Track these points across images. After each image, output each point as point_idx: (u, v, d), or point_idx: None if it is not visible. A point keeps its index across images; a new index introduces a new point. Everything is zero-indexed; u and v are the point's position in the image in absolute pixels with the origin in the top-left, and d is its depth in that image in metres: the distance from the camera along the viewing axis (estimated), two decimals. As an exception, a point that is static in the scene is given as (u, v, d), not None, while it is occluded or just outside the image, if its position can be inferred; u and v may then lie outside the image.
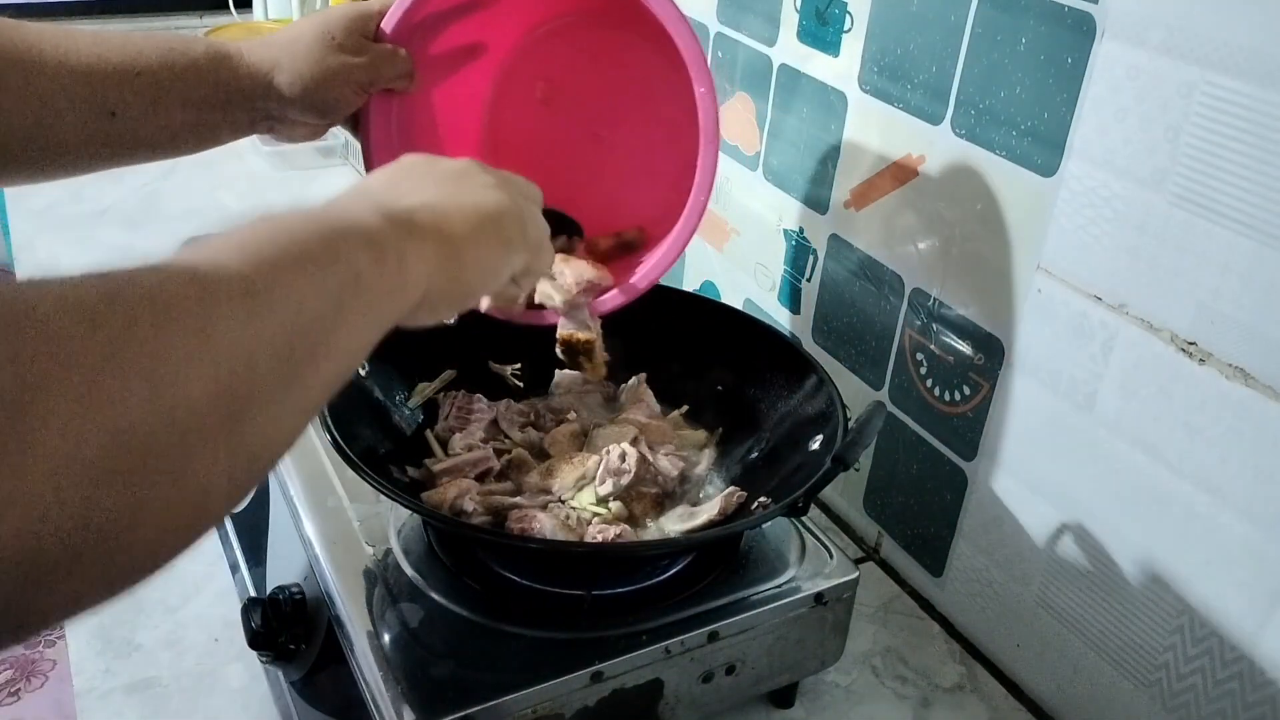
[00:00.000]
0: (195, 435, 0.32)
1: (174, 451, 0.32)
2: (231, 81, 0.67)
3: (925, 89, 0.76)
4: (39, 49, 0.61)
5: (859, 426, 0.67)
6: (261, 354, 0.36)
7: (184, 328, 0.33)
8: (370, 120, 0.74)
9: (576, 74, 0.81)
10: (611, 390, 0.82)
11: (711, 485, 0.76)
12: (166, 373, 0.32)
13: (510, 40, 0.79)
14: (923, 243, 0.79)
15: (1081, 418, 0.69)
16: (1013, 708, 0.77)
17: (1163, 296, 0.62)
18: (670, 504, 0.73)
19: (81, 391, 0.29)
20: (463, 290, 0.52)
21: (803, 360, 0.77)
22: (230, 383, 0.34)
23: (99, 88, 0.63)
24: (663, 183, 0.76)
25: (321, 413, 0.66)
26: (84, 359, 0.30)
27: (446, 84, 0.78)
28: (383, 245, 0.45)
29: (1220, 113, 0.57)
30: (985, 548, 0.79)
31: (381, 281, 0.44)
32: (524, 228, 0.56)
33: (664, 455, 0.74)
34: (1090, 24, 0.63)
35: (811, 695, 0.75)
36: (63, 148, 0.63)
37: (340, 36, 0.69)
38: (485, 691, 0.58)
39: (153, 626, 0.77)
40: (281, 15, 1.72)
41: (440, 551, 0.68)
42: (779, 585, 0.68)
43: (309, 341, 0.38)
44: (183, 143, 0.68)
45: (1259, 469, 0.59)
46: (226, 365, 0.34)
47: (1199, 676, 0.65)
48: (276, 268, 0.38)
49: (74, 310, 0.30)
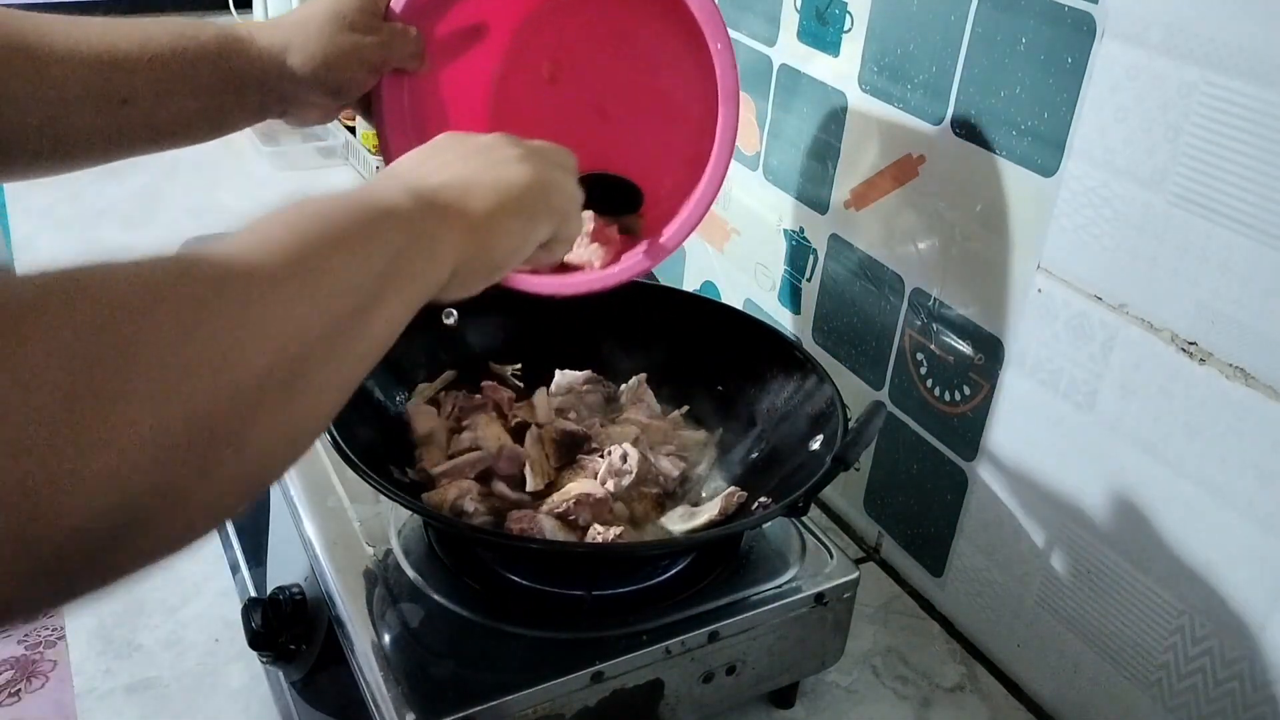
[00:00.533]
0: (255, 406, 0.35)
1: (236, 421, 0.34)
2: (243, 65, 0.67)
3: (925, 89, 0.76)
4: (50, 38, 0.61)
5: (859, 426, 0.67)
6: (312, 330, 0.38)
7: (244, 307, 0.36)
8: (384, 102, 0.73)
9: (584, 51, 0.80)
10: (612, 390, 0.82)
11: (712, 485, 0.76)
12: (230, 349, 0.34)
13: (517, 18, 0.79)
14: (923, 243, 0.79)
15: (1082, 418, 0.69)
16: (1013, 707, 0.77)
17: (1163, 296, 0.62)
18: (671, 504, 0.73)
19: (159, 363, 0.32)
20: (489, 265, 0.53)
21: (803, 360, 0.77)
22: (285, 357, 0.37)
23: (111, 76, 0.62)
24: (672, 161, 0.76)
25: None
26: (159, 335, 0.32)
27: (455, 64, 0.78)
28: (415, 225, 0.47)
29: (1220, 113, 0.57)
30: (985, 548, 0.79)
31: (416, 260, 0.46)
32: (548, 198, 0.56)
33: (665, 456, 0.74)
34: (1090, 24, 0.63)
35: (812, 695, 0.75)
36: (77, 138, 0.63)
37: (351, 15, 0.69)
38: (486, 692, 0.58)
39: (153, 627, 0.77)
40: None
41: (440, 552, 0.68)
42: (779, 585, 0.68)
43: (352, 318, 0.41)
44: (196, 129, 0.68)
45: (1259, 469, 0.59)
46: (281, 341, 0.37)
47: (1199, 676, 0.65)
48: (321, 250, 0.40)
49: (148, 290, 0.33)
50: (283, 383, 0.37)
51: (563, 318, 0.83)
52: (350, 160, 1.52)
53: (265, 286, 0.37)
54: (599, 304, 0.77)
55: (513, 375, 0.83)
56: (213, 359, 0.34)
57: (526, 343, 0.80)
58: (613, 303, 0.80)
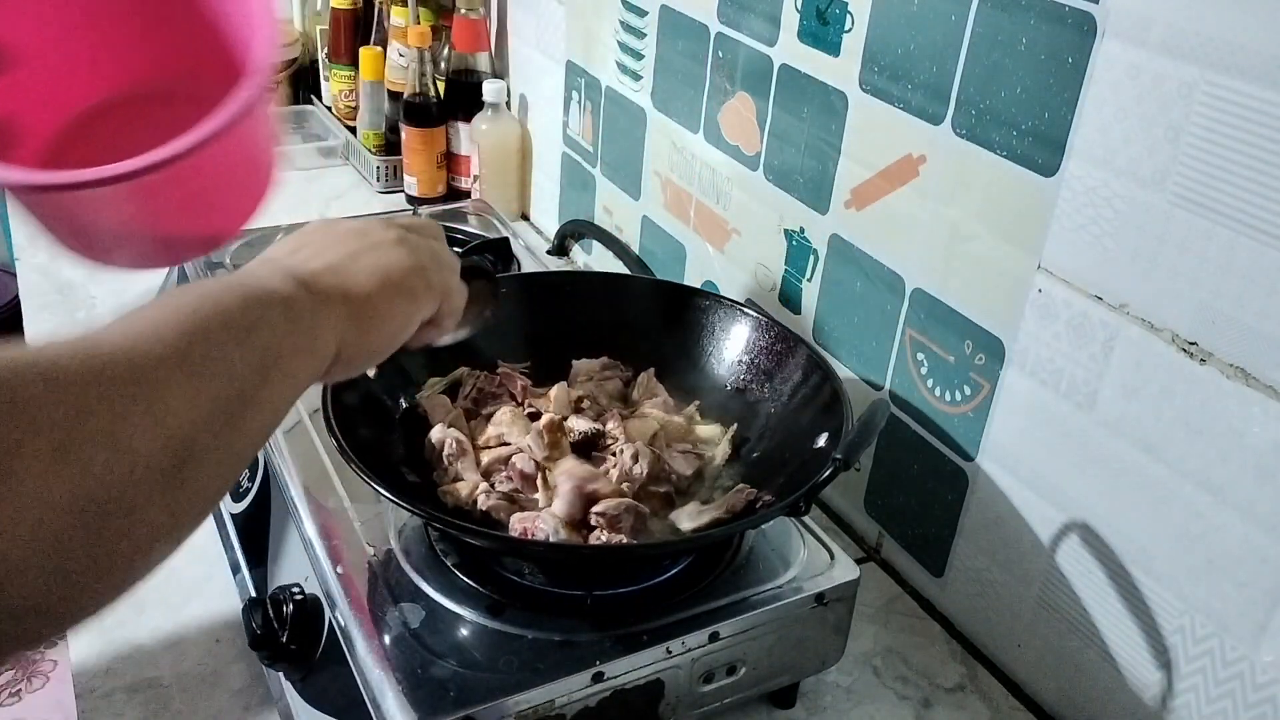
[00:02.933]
0: (146, 488, 0.37)
1: (129, 503, 0.36)
2: None
3: (926, 89, 0.76)
4: None
5: (862, 424, 0.66)
6: (200, 415, 0.40)
7: (136, 396, 0.37)
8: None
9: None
10: (629, 375, 0.82)
11: (723, 482, 0.75)
12: (122, 437, 0.36)
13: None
14: (923, 243, 0.79)
15: (1082, 418, 0.69)
16: (1014, 708, 0.77)
17: (1164, 296, 0.62)
18: (682, 501, 0.72)
19: (51, 452, 0.33)
20: (373, 347, 0.54)
21: (808, 357, 0.77)
22: (175, 442, 0.38)
23: None
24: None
25: (326, 416, 0.66)
26: (52, 425, 0.34)
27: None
28: (296, 309, 0.47)
29: (1221, 113, 0.57)
30: (986, 548, 0.79)
31: (299, 343, 0.47)
32: (428, 276, 0.57)
33: (680, 453, 0.74)
34: (1091, 24, 0.63)
35: (812, 696, 0.75)
36: None
37: None
38: (486, 692, 0.58)
39: (154, 627, 0.77)
40: (281, 15, 1.72)
41: (441, 552, 0.68)
42: (780, 585, 0.68)
43: (238, 401, 0.42)
44: None
45: (1259, 469, 0.59)
46: (172, 425, 0.38)
47: (1200, 676, 0.65)
48: (206, 335, 0.42)
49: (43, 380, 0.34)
50: (174, 463, 0.38)
51: (569, 314, 0.83)
52: (350, 160, 1.52)
53: (154, 374, 0.38)
54: (605, 301, 0.77)
55: (522, 374, 0.83)
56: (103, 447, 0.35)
57: (533, 342, 0.80)
58: (618, 299, 0.81)
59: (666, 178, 1.11)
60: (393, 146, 1.43)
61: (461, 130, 1.38)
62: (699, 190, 1.05)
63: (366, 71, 1.42)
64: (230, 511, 0.84)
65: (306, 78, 1.68)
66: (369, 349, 0.53)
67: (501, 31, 1.41)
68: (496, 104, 1.34)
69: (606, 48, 1.16)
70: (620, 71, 1.14)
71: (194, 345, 0.41)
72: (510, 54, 1.41)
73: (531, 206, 1.45)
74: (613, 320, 0.83)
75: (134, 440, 0.36)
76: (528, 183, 1.43)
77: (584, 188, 1.28)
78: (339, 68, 1.52)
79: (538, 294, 0.85)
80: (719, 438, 0.79)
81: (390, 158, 1.44)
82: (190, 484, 0.39)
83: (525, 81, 1.39)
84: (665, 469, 0.72)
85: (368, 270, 0.53)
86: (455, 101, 1.37)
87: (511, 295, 0.78)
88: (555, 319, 0.83)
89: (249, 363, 0.43)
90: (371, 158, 1.45)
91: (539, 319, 0.82)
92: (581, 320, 0.83)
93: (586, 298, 0.87)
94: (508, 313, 0.81)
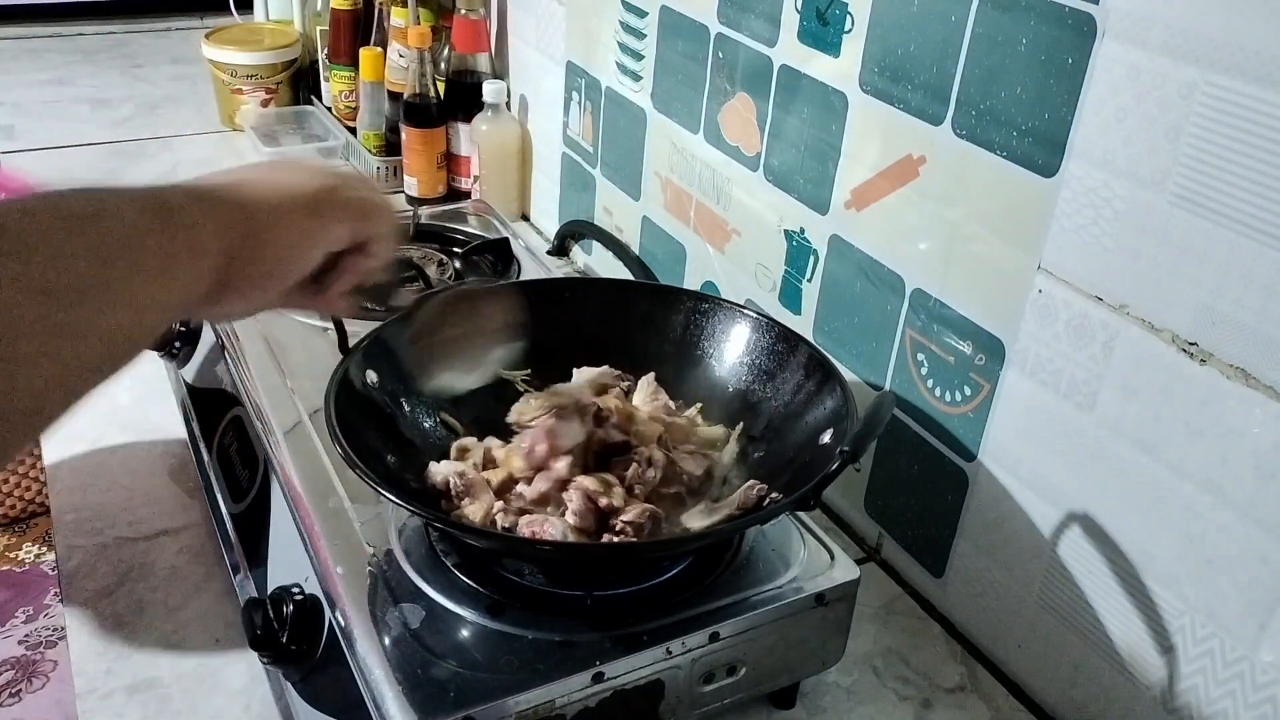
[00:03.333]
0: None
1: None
2: None
3: (926, 89, 0.76)
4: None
5: (868, 417, 0.66)
6: (22, 299, 0.37)
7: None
8: None
9: None
10: (631, 383, 0.82)
11: (732, 481, 0.75)
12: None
13: None
14: (923, 243, 0.79)
15: (1082, 418, 0.69)
16: (1014, 708, 0.77)
17: (1164, 297, 0.62)
18: (693, 501, 0.72)
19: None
20: (268, 261, 0.52)
21: (809, 355, 0.77)
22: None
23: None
24: None
25: (328, 416, 0.66)
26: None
27: None
28: (169, 208, 0.45)
29: (1221, 113, 0.57)
30: (986, 548, 0.79)
31: (163, 242, 0.44)
32: (339, 195, 0.55)
33: (689, 454, 0.74)
34: (1091, 24, 0.63)
35: (812, 696, 0.75)
36: None
37: None
38: (486, 692, 0.58)
39: (154, 627, 0.78)
40: (282, 15, 1.72)
41: (441, 552, 0.68)
42: (780, 586, 0.68)
43: (74, 289, 0.39)
44: None
45: (1259, 469, 0.59)
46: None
47: (1200, 676, 0.65)
48: (35, 220, 0.39)
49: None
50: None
51: (569, 322, 0.83)
52: (351, 161, 1.52)
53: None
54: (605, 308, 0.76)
55: (522, 382, 0.83)
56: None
57: (533, 350, 0.80)
58: (619, 305, 0.80)
59: (666, 178, 1.11)
60: (393, 147, 1.44)
61: (461, 131, 1.38)
62: (699, 191, 1.06)
63: (366, 72, 1.42)
64: (230, 511, 0.83)
65: (306, 78, 1.67)
66: (264, 262, 0.51)
67: (501, 32, 1.41)
68: (496, 104, 1.34)
69: (606, 48, 1.16)
70: (620, 72, 1.14)
71: (20, 226, 0.38)
72: (510, 54, 1.41)
73: (531, 207, 1.45)
74: (613, 326, 0.83)
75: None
76: (528, 183, 1.43)
77: (584, 188, 1.28)
78: (339, 68, 1.52)
79: (537, 301, 0.85)
80: (722, 439, 0.79)
81: (390, 158, 1.44)
82: (18, 377, 0.37)
83: (525, 82, 1.39)
84: (677, 470, 0.72)
85: (271, 185, 0.52)
86: (455, 102, 1.37)
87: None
88: (555, 326, 0.83)
89: (85, 249, 0.40)
90: (372, 158, 1.45)
91: (539, 327, 0.82)
92: (582, 327, 0.83)
93: (586, 304, 0.87)
94: (507, 320, 0.81)
